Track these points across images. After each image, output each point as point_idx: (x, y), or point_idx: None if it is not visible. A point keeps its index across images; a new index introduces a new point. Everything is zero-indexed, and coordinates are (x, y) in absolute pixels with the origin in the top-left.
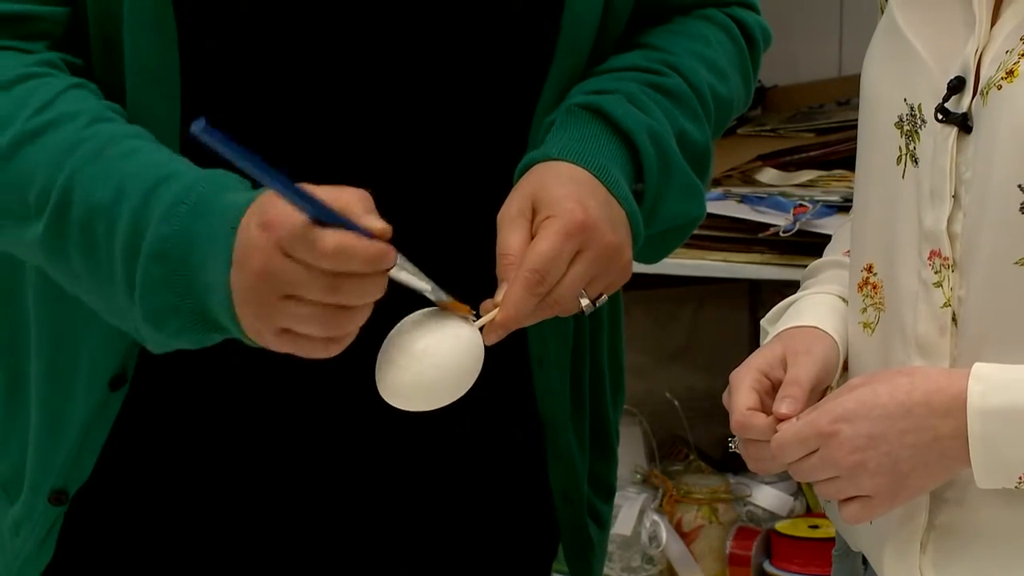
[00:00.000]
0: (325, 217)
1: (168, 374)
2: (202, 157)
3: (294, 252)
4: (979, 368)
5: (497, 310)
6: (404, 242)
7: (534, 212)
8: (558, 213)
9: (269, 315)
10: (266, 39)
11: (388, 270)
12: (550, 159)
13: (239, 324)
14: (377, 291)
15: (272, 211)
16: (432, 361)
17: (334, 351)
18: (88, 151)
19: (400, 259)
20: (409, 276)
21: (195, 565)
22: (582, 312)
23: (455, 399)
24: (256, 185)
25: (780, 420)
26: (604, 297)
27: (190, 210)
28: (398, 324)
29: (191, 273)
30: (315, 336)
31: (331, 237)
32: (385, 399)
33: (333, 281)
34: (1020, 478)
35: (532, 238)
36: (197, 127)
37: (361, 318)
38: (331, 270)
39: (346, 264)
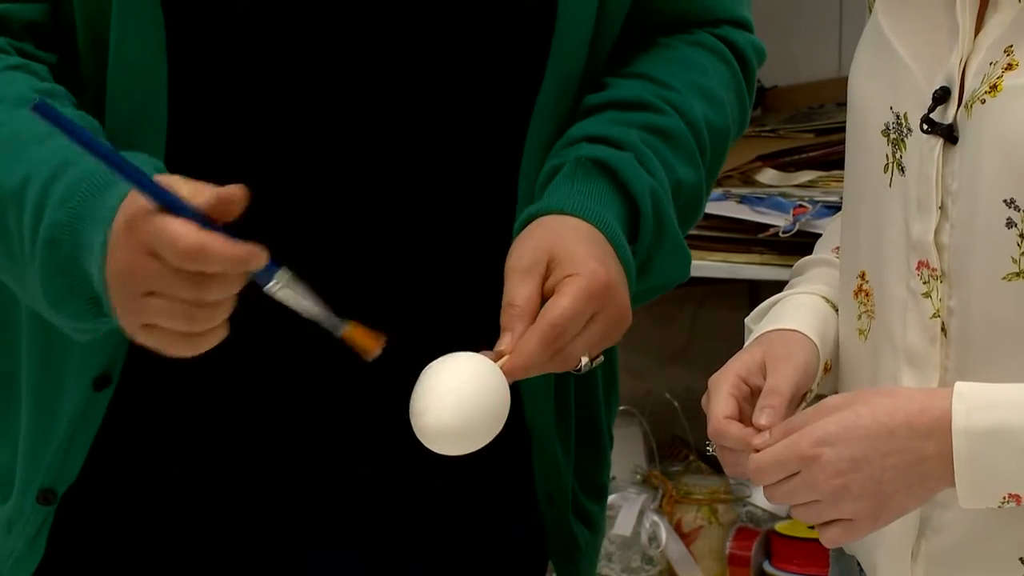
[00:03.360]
0: (163, 201)
1: (157, 375)
2: (191, 162)
3: (159, 251)
4: (961, 387)
5: (506, 358)
6: (394, 249)
7: (549, 266)
8: (582, 272)
9: (132, 311)
10: (255, 41)
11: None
12: (564, 213)
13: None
14: (238, 285)
15: (134, 207)
16: (475, 406)
17: (199, 348)
18: (4, 136)
19: (282, 273)
20: (294, 297)
21: (185, 565)
22: (578, 370)
23: (488, 441)
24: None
25: (759, 430)
26: (601, 358)
27: (84, 196)
28: (425, 369)
29: (82, 259)
30: (178, 332)
31: (191, 237)
32: (427, 445)
33: (196, 279)
34: (1004, 497)
35: (543, 292)
36: (34, 105)
37: (223, 313)
38: (191, 270)
39: (207, 264)
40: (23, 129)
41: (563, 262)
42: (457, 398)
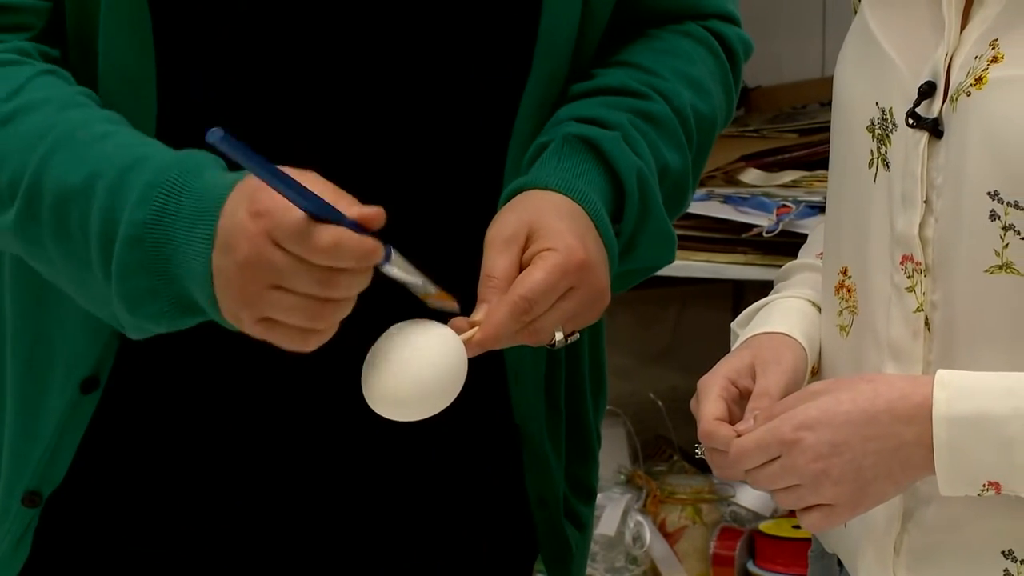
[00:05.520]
0: (319, 211)
1: (145, 378)
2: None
3: (287, 245)
4: (943, 375)
5: (476, 329)
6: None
7: (528, 239)
8: (559, 248)
9: (253, 303)
10: (241, 42)
11: (378, 264)
12: (548, 189)
13: (218, 307)
14: (364, 284)
15: (265, 199)
16: (419, 372)
17: (314, 344)
18: (59, 135)
19: (393, 254)
20: (400, 272)
21: (171, 567)
22: (552, 345)
23: (440, 409)
24: (232, 166)
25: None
26: (576, 335)
27: (165, 192)
28: (384, 334)
29: (168, 256)
30: (298, 327)
31: (327, 233)
32: (372, 408)
33: (325, 275)
34: (984, 485)
35: (520, 264)
36: (215, 136)
37: (345, 311)
38: (325, 265)
39: (340, 260)
40: (78, 129)
41: (541, 236)
42: (403, 364)
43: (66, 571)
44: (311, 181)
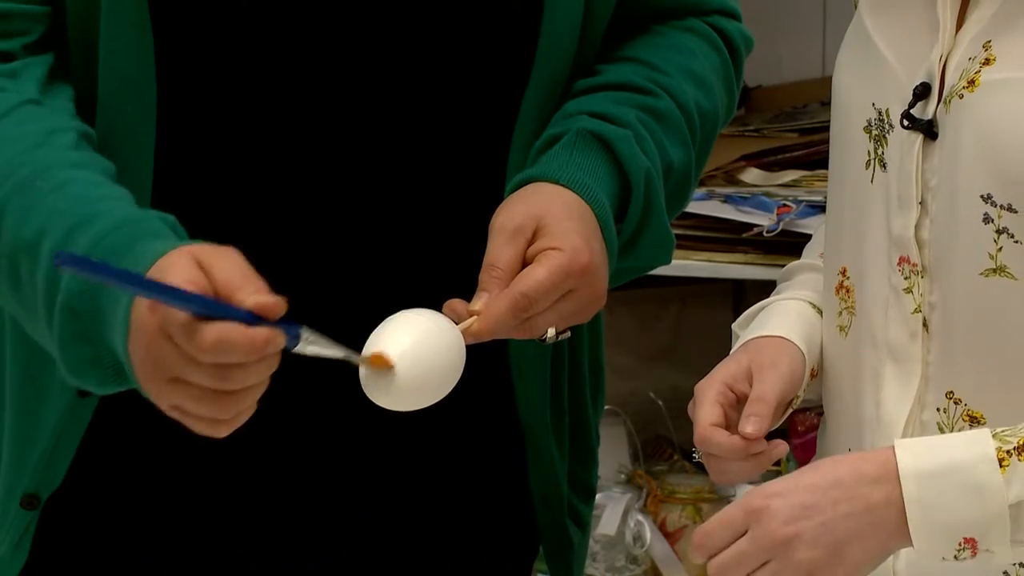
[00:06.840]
0: (204, 311)
1: None
2: (179, 167)
3: (178, 340)
4: (900, 441)
5: (475, 319)
6: (383, 248)
7: (535, 233)
8: (565, 248)
9: (159, 393)
10: (243, 47)
11: (282, 350)
12: (558, 183)
13: None
14: (265, 373)
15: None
16: (417, 361)
17: (224, 431)
18: (20, 180)
19: (305, 334)
20: (319, 348)
21: (169, 569)
22: (543, 340)
23: (438, 399)
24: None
25: (745, 438)
26: (568, 333)
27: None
28: (381, 324)
29: (102, 330)
30: (203, 416)
31: (210, 331)
32: (370, 397)
33: (218, 370)
34: (960, 543)
35: (524, 257)
36: (59, 261)
37: (251, 399)
38: (212, 362)
39: (227, 356)
40: (39, 176)
41: (549, 233)
42: (401, 353)
43: (65, 573)
44: (224, 262)
